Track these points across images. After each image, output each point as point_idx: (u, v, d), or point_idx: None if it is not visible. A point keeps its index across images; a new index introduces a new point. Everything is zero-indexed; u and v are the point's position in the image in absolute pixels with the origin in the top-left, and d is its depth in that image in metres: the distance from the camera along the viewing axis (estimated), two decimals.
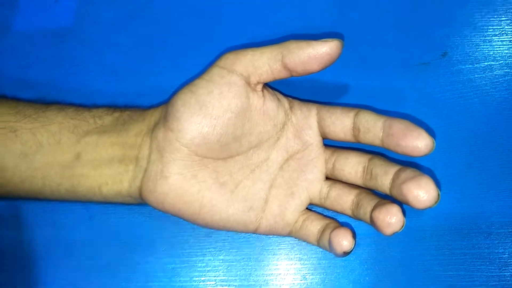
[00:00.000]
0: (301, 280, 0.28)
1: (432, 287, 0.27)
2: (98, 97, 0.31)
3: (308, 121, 0.27)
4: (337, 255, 0.25)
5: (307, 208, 0.27)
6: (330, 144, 0.28)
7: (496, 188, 0.28)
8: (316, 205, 0.28)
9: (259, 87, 0.26)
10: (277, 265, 0.29)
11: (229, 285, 0.28)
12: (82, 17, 0.33)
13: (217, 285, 0.29)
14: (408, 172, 0.23)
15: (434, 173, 0.29)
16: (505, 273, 0.27)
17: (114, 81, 0.32)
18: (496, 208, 0.28)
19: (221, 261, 0.29)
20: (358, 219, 0.26)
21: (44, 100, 0.31)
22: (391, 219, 0.23)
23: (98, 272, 0.29)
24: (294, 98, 0.28)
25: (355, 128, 0.25)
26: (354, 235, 0.25)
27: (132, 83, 0.32)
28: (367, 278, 0.28)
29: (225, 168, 0.26)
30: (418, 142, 0.23)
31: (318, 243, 0.26)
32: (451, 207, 0.28)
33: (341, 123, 0.26)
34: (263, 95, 0.26)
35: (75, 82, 0.32)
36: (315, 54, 0.24)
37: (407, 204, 0.23)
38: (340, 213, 0.27)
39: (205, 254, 0.29)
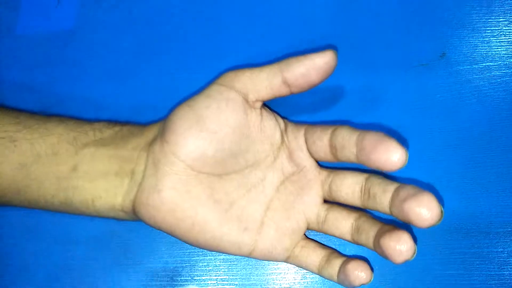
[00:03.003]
0: (301, 279, 0.28)
1: (432, 286, 0.28)
2: (98, 100, 0.32)
3: (298, 143, 0.27)
4: (350, 286, 0.25)
5: (304, 235, 0.27)
6: (329, 165, 0.28)
7: (495, 188, 0.28)
8: (314, 230, 0.27)
9: (258, 104, 0.26)
10: (277, 264, 0.29)
11: (230, 285, 0.29)
12: (83, 21, 0.33)
13: (218, 284, 0.29)
14: (408, 189, 0.23)
15: (433, 174, 0.29)
16: (504, 272, 0.27)
17: (115, 84, 0.32)
18: (495, 208, 0.28)
19: (222, 260, 0.29)
20: (359, 244, 0.25)
21: (46, 105, 0.31)
22: (402, 247, 0.22)
23: (100, 272, 0.29)
24: (287, 119, 0.29)
25: (332, 146, 0.25)
26: (371, 267, 0.25)
27: (133, 86, 0.32)
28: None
29: (221, 185, 0.26)
30: (389, 155, 0.22)
31: (321, 272, 0.26)
32: (451, 206, 0.28)
33: (320, 142, 0.26)
34: (261, 113, 0.26)
35: (76, 85, 0.32)
36: (314, 66, 0.24)
37: (409, 223, 0.22)
38: (339, 237, 0.26)
39: (206, 253, 0.29)
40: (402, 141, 0.29)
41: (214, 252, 0.29)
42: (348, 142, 0.24)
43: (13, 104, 0.31)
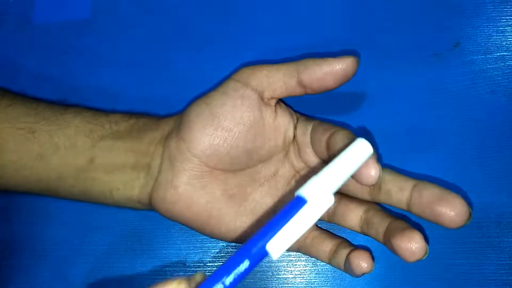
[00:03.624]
0: (312, 267, 0.29)
1: (443, 275, 0.28)
2: (114, 90, 0.32)
3: (305, 139, 0.27)
4: (354, 276, 0.25)
5: (316, 225, 0.27)
6: None
7: (507, 178, 0.28)
8: (325, 221, 0.28)
9: (272, 102, 0.26)
10: (288, 252, 0.29)
11: None
12: (99, 10, 0.34)
13: None
14: (431, 190, 0.22)
15: (445, 164, 0.29)
16: None
17: (130, 74, 0.32)
18: (506, 198, 0.28)
19: (233, 247, 0.29)
20: (368, 236, 0.25)
21: (61, 94, 0.32)
22: (414, 247, 0.22)
23: (115, 258, 0.30)
24: (301, 113, 0.29)
25: (327, 148, 0.25)
26: (373, 257, 0.25)
27: (149, 76, 0.32)
28: (377, 265, 0.28)
29: (234, 180, 0.26)
30: (365, 170, 0.21)
31: (330, 262, 0.26)
32: (462, 196, 0.28)
33: (320, 142, 0.25)
34: (276, 110, 0.26)
35: (92, 74, 0.33)
36: (331, 70, 0.24)
37: (436, 223, 0.22)
38: (349, 229, 0.26)
39: (218, 240, 0.30)
40: (413, 132, 0.29)
41: None
42: (339, 148, 0.23)
43: (30, 93, 0.32)
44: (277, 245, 0.20)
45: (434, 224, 0.28)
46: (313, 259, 0.29)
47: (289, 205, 0.21)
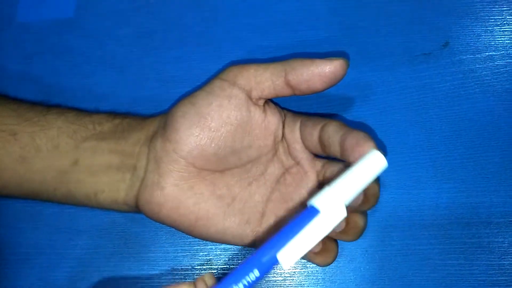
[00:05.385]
0: (301, 269, 0.29)
1: (432, 276, 0.28)
2: (98, 89, 0.32)
3: (294, 136, 0.27)
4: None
5: None
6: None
7: (497, 178, 0.28)
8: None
9: (261, 102, 0.26)
10: None
11: None
12: (84, 9, 0.33)
13: (218, 273, 0.29)
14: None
15: (434, 164, 0.29)
16: (505, 262, 0.27)
17: (115, 73, 0.32)
18: (496, 198, 0.28)
19: (222, 250, 0.29)
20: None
21: (45, 94, 0.31)
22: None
23: (100, 262, 0.29)
24: (287, 110, 0.28)
25: (321, 142, 0.25)
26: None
27: (134, 75, 0.32)
28: (367, 266, 0.28)
29: (222, 180, 0.26)
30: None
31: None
32: (452, 196, 0.28)
33: (311, 136, 0.25)
34: (265, 110, 0.26)
35: (76, 74, 0.32)
36: (319, 72, 0.24)
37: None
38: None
39: (207, 243, 0.29)
40: (403, 131, 0.29)
41: (214, 242, 0.29)
42: (333, 141, 0.23)
43: (13, 93, 0.31)
44: (288, 255, 0.20)
45: (424, 223, 0.28)
46: (303, 261, 0.29)
47: (301, 214, 0.21)
